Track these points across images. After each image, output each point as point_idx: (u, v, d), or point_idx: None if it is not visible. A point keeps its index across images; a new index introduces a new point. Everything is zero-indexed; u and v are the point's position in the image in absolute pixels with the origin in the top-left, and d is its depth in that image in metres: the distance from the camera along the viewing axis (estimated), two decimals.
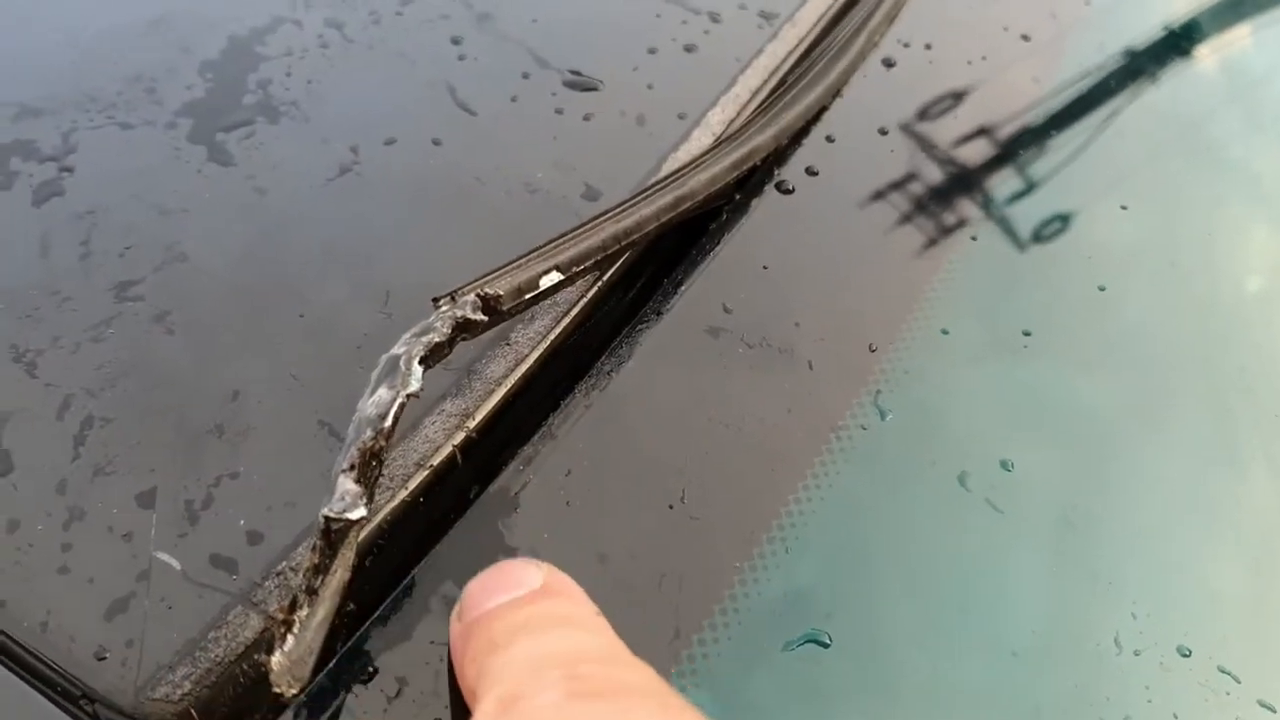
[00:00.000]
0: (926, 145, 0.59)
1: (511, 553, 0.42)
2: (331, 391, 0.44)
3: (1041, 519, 0.47)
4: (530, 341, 0.47)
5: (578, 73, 0.58)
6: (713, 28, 0.61)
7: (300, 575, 0.37)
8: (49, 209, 0.50)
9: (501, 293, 0.41)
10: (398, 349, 0.39)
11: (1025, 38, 0.69)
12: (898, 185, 0.57)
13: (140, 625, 0.38)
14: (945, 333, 0.51)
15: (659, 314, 0.49)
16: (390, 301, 0.48)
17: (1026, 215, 0.59)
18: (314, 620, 0.36)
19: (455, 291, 0.42)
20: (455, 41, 0.59)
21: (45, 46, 0.57)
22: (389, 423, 0.37)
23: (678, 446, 0.46)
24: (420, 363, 0.38)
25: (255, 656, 0.38)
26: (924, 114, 0.61)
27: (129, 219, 0.50)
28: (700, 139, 0.55)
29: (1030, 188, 0.60)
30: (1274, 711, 0.44)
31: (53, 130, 0.53)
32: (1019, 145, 0.62)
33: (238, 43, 0.57)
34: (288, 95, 0.55)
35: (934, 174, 0.58)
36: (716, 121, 0.56)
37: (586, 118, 0.56)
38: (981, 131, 0.62)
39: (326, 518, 0.35)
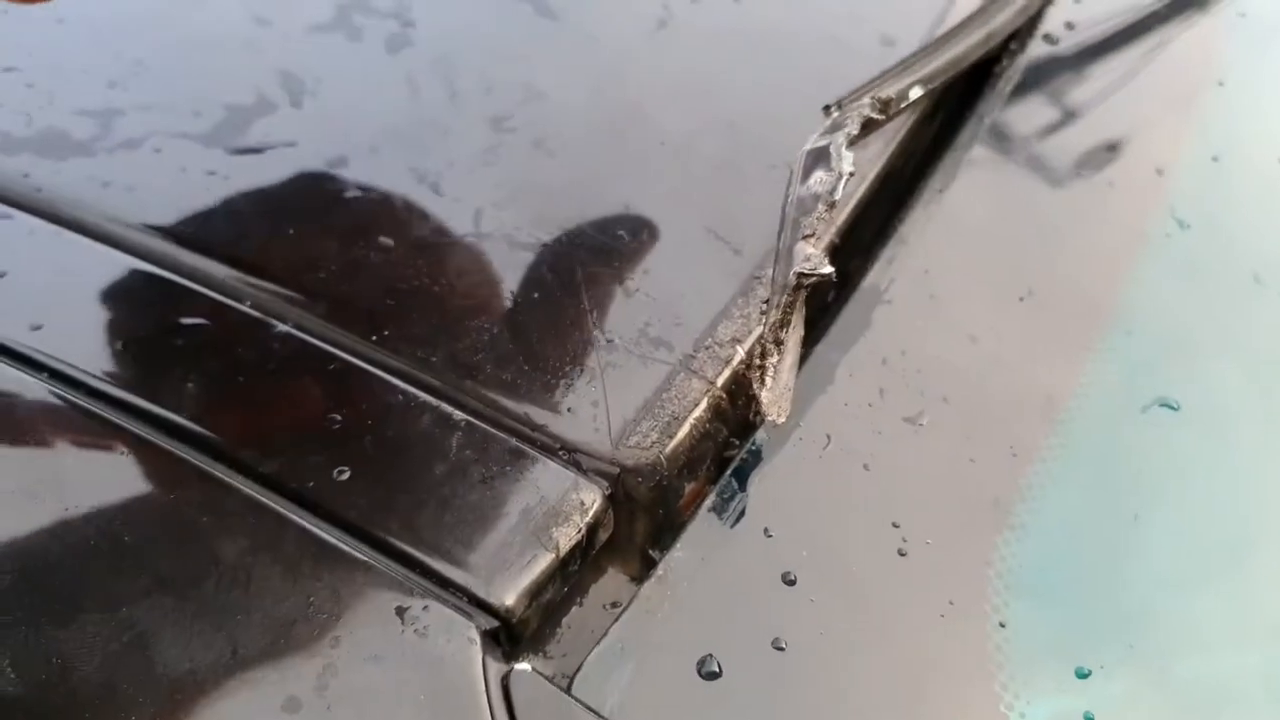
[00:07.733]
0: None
1: (879, 339, 0.47)
2: (711, 204, 0.49)
3: None
4: (869, 163, 0.52)
5: None
6: None
7: (766, 330, 0.42)
8: (404, 57, 0.54)
9: (892, 96, 0.46)
10: (816, 144, 0.44)
11: None
12: (1147, 32, 0.62)
13: (600, 389, 0.43)
14: (1215, 160, 0.57)
15: (970, 142, 0.54)
16: (735, 131, 0.52)
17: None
18: (785, 364, 0.41)
19: (841, 100, 0.47)
20: None
21: None
22: (838, 195, 0.42)
23: (1015, 248, 0.51)
24: (847, 149, 0.43)
25: (702, 415, 0.43)
26: None
27: (480, 65, 0.54)
28: None
29: None
30: None
31: None
32: None
33: None
34: None
35: (1181, 29, 0.63)
36: None
37: None
38: None
39: (800, 274, 0.40)
